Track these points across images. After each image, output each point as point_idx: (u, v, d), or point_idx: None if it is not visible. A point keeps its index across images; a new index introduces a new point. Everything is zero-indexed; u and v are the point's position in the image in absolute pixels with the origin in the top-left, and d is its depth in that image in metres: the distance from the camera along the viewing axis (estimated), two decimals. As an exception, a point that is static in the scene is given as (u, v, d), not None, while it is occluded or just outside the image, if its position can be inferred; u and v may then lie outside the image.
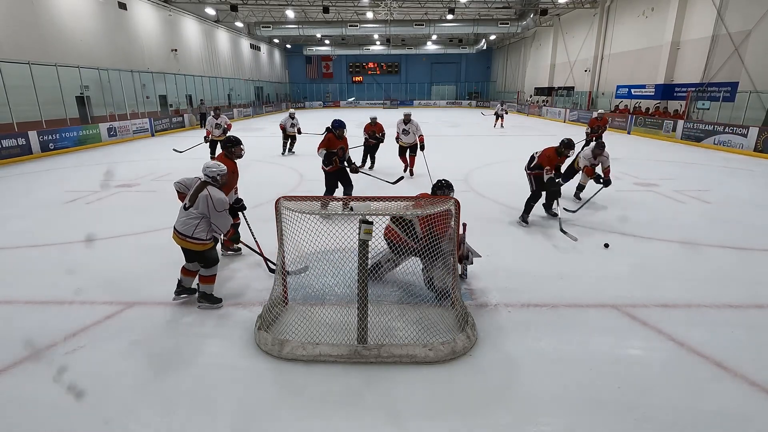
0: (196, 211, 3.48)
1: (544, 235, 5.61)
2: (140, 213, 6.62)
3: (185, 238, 3.49)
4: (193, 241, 3.48)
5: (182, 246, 3.57)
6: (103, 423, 2.43)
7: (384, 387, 2.73)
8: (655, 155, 11.74)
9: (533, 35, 34.20)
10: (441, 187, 3.92)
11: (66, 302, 3.80)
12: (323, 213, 3.39)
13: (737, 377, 2.80)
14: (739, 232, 5.63)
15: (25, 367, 2.93)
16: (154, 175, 9.46)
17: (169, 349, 3.12)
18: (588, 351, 3.11)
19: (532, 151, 6.26)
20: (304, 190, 7.91)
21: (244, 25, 31.48)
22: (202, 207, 3.47)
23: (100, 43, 17.86)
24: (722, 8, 15.77)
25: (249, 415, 2.50)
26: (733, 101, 14.46)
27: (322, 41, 41.12)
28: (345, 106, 43.76)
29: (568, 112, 25.00)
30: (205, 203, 3.46)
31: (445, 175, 6.86)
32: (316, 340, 3.06)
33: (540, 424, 2.42)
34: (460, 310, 3.35)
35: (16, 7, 13.86)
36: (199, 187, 3.52)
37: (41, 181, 9.21)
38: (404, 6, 28.06)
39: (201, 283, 3.69)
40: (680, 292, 3.97)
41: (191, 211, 3.49)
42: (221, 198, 3.52)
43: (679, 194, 7.53)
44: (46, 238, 5.45)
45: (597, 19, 24.36)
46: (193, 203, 3.49)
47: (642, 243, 5.27)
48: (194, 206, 3.49)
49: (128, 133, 16.64)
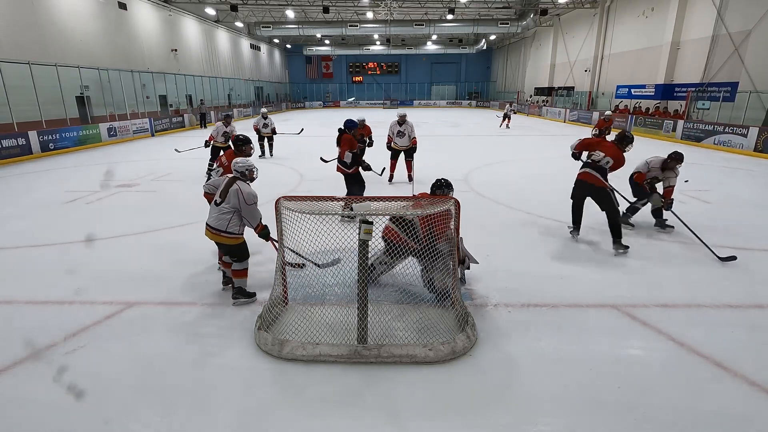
0: (227, 205, 3.61)
1: (544, 235, 5.61)
2: (140, 213, 6.62)
3: (219, 233, 3.61)
4: (227, 236, 3.61)
5: (216, 241, 3.70)
6: (103, 423, 2.43)
7: (384, 387, 2.73)
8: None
9: (533, 35, 34.21)
10: (440, 186, 3.90)
11: (66, 302, 3.80)
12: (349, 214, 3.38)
13: (737, 377, 2.80)
14: (739, 232, 5.63)
15: (25, 367, 2.93)
16: (154, 175, 9.46)
17: (169, 349, 3.12)
18: (588, 351, 3.10)
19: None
20: (304, 190, 7.91)
21: (244, 25, 31.48)
22: (233, 201, 3.60)
23: (100, 43, 17.86)
24: (722, 8, 15.77)
25: (249, 415, 2.50)
26: (733, 101, 14.46)
27: (322, 41, 41.13)
28: (345, 106, 43.77)
29: (568, 112, 25.01)
30: (236, 197, 3.59)
31: (445, 175, 6.86)
32: (316, 340, 3.06)
33: (540, 424, 2.42)
34: (460, 310, 3.35)
35: (16, 7, 13.86)
36: (229, 183, 3.66)
37: (41, 181, 9.21)
38: (404, 6, 28.07)
39: (234, 277, 3.78)
40: (680, 292, 3.97)
41: (223, 206, 3.62)
42: (251, 192, 3.65)
43: (679, 194, 7.51)
44: (46, 238, 5.45)
45: (597, 19, 24.37)
46: (224, 198, 3.62)
47: (642, 243, 5.27)
48: (225, 201, 3.62)
49: (128, 133, 16.64)
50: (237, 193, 3.58)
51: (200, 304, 3.75)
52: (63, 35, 15.88)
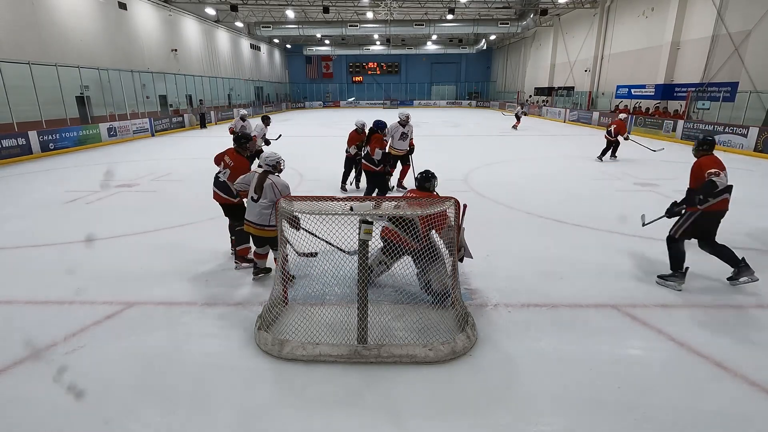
0: (266, 201, 3.77)
1: (544, 235, 5.61)
2: (140, 213, 6.62)
3: (262, 228, 3.80)
4: (269, 229, 3.82)
5: (258, 235, 3.88)
6: (103, 423, 2.43)
7: (384, 387, 2.73)
8: (655, 155, 11.75)
9: (533, 35, 34.21)
10: (429, 178, 3.94)
11: (66, 302, 3.80)
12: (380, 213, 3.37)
13: (737, 377, 2.80)
14: (739, 232, 5.62)
15: (25, 367, 2.93)
16: (154, 175, 9.46)
17: (170, 349, 3.12)
18: (588, 351, 3.10)
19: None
20: (305, 190, 7.91)
21: (244, 25, 31.48)
22: (270, 195, 3.77)
23: (100, 43, 17.87)
24: (722, 8, 15.77)
25: (249, 415, 2.50)
26: (733, 101, 14.46)
27: (322, 41, 41.13)
28: (345, 106, 43.77)
29: (568, 112, 25.02)
30: (271, 191, 3.79)
31: (445, 174, 6.89)
32: (316, 340, 3.06)
33: (540, 424, 2.42)
34: (460, 310, 3.35)
35: (16, 7, 13.86)
36: (262, 178, 3.83)
37: (41, 181, 9.21)
38: (404, 6, 28.07)
39: (257, 259, 4.13)
40: (680, 293, 3.97)
41: (261, 201, 3.78)
42: (285, 183, 3.88)
43: (679, 194, 7.45)
44: (46, 238, 5.45)
45: (597, 19, 24.37)
46: (260, 194, 3.80)
47: (642, 243, 5.27)
48: (262, 196, 3.78)
49: (128, 133, 16.65)
50: (272, 187, 3.79)
51: (200, 304, 3.75)
52: (63, 35, 15.88)
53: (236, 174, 4.23)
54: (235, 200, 4.37)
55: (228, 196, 4.35)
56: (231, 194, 4.34)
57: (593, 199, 7.42)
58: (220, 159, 4.50)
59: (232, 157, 4.39)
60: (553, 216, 6.29)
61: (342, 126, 20.48)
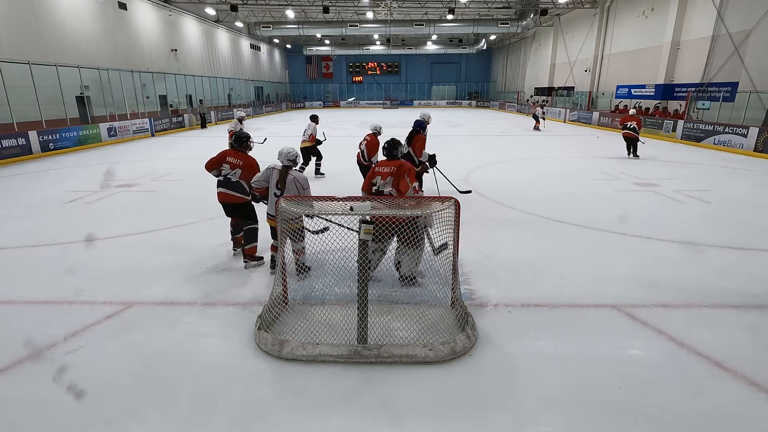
0: (289, 195, 3.83)
1: (544, 234, 5.61)
2: (140, 213, 6.62)
3: None
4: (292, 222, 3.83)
5: None
6: (103, 423, 2.43)
7: (384, 387, 2.73)
8: (654, 155, 11.75)
9: (533, 35, 34.20)
10: (395, 146, 4.06)
11: (66, 302, 3.80)
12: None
13: (737, 377, 2.80)
14: (739, 232, 5.63)
15: (25, 367, 2.93)
16: (153, 175, 9.46)
17: (169, 349, 3.12)
18: (588, 351, 3.10)
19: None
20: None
21: (244, 25, 31.47)
22: (293, 190, 3.89)
23: (100, 43, 17.87)
24: (722, 8, 15.77)
25: (249, 415, 2.50)
26: (733, 101, 14.46)
27: (322, 41, 41.12)
28: (345, 106, 43.77)
29: (568, 112, 25.02)
30: (293, 185, 3.95)
31: (445, 174, 6.89)
32: (316, 340, 3.06)
33: (540, 424, 2.42)
34: (460, 310, 3.35)
35: (16, 7, 13.87)
36: (284, 173, 3.98)
37: (41, 181, 9.21)
38: (404, 6, 28.06)
39: (273, 252, 4.23)
40: (680, 292, 3.97)
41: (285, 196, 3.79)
42: (304, 176, 4.06)
43: (679, 194, 7.52)
44: (46, 238, 5.45)
45: (597, 19, 24.37)
46: (283, 189, 3.94)
47: (642, 243, 5.27)
48: (285, 191, 3.93)
49: (128, 133, 16.64)
50: (294, 182, 3.95)
51: (200, 304, 3.75)
52: (63, 35, 15.88)
53: (248, 172, 4.28)
54: (248, 198, 4.41)
55: (242, 195, 4.38)
56: (245, 193, 4.37)
57: (593, 199, 7.42)
58: (218, 162, 4.41)
59: (238, 156, 4.39)
60: (553, 216, 6.29)
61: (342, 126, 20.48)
